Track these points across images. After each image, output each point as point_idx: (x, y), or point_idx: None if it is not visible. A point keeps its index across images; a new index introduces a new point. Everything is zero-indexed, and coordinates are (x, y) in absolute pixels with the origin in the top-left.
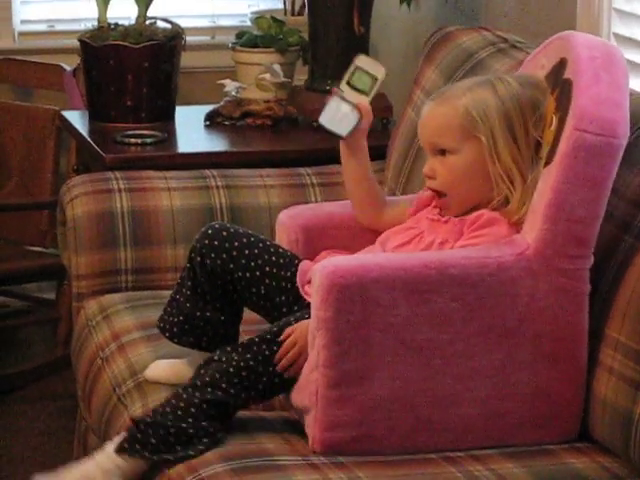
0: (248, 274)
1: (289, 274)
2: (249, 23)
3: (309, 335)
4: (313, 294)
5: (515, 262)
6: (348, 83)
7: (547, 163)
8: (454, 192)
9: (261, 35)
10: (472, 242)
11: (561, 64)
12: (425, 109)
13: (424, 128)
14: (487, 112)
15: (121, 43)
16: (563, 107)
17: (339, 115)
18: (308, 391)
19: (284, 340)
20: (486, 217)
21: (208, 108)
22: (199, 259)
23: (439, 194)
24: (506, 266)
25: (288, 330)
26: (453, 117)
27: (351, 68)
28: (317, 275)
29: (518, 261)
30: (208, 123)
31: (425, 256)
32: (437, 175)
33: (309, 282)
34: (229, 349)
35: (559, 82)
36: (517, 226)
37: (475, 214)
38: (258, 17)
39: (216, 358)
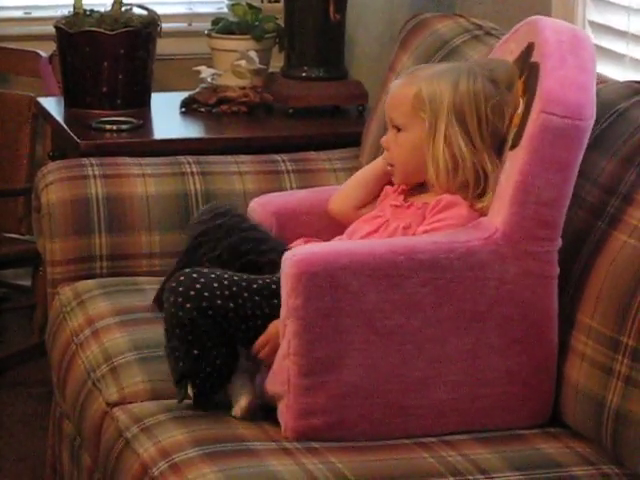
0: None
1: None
2: (225, 10)
3: (280, 324)
4: (282, 282)
5: (483, 246)
6: None
7: (514, 146)
8: (400, 165)
9: (237, 22)
10: (433, 226)
11: (529, 48)
12: (393, 85)
13: (387, 103)
14: (438, 98)
15: (97, 30)
16: (530, 90)
17: None
18: (280, 379)
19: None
20: (445, 201)
21: (184, 95)
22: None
23: (390, 164)
24: (474, 250)
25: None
26: (408, 96)
27: None
28: (286, 263)
29: (486, 245)
30: (184, 110)
31: (393, 242)
32: (390, 148)
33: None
34: None
35: (527, 66)
36: (479, 211)
37: (436, 199)
38: (234, 4)
39: None
